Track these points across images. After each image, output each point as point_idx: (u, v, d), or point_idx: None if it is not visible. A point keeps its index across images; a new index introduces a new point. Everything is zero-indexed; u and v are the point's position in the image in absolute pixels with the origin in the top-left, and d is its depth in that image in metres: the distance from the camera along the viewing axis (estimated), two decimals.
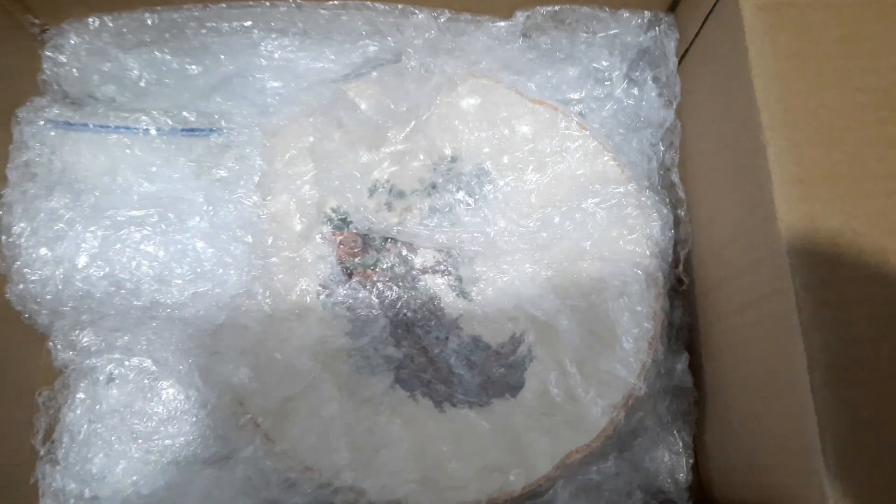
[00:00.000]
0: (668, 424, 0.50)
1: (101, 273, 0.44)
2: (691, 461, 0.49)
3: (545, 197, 0.53)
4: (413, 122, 0.51)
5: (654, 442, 0.49)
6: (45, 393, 0.47)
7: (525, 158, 0.53)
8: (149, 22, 0.49)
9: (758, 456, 0.43)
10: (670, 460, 0.49)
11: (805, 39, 0.40)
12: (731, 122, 0.43)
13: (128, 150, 0.45)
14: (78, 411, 0.49)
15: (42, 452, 0.47)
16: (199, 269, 0.45)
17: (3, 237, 0.44)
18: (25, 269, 0.43)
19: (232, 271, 0.46)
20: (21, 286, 0.44)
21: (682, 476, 0.49)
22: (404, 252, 0.53)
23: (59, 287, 0.44)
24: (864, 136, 0.38)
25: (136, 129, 0.46)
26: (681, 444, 0.50)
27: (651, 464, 0.49)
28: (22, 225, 0.44)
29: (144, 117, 0.46)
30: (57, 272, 0.43)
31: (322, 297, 0.52)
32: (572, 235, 0.51)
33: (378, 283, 0.53)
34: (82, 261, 0.44)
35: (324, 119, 0.50)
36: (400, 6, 0.49)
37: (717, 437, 0.48)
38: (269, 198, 0.50)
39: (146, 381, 0.51)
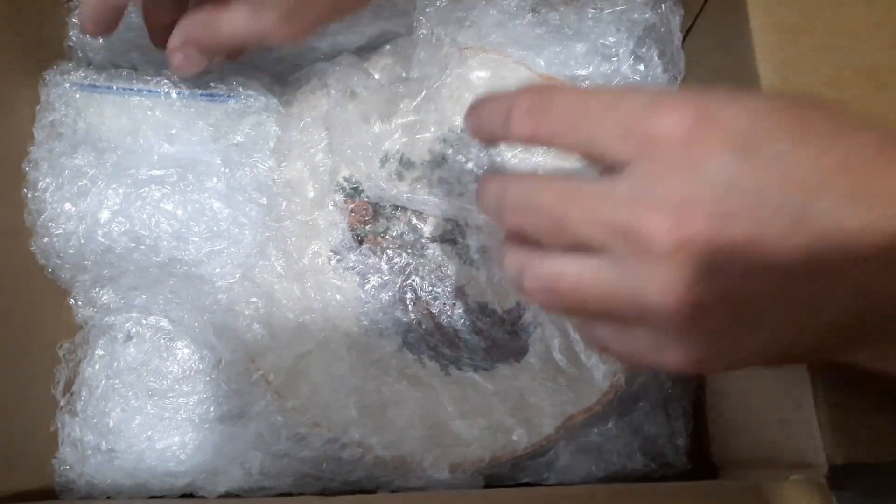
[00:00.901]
0: (669, 390, 0.51)
1: (122, 229, 0.46)
2: (690, 426, 0.50)
3: (552, 169, 0.54)
4: (424, 93, 0.52)
5: (654, 407, 0.51)
6: (65, 346, 0.49)
7: None
8: None
9: (753, 415, 0.44)
10: (670, 425, 0.50)
11: (802, 14, 0.42)
12: None
13: (149, 112, 0.47)
14: (97, 367, 0.51)
15: (62, 403, 0.49)
16: (215, 228, 0.47)
17: (30, 192, 0.46)
18: (50, 223, 0.45)
19: (247, 231, 0.48)
20: (45, 240, 0.46)
21: (682, 441, 0.50)
22: (413, 220, 0.55)
23: (82, 241, 0.45)
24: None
25: (157, 91, 0.48)
26: (680, 409, 0.51)
27: (651, 428, 0.50)
28: (47, 181, 0.46)
29: (166, 81, 0.48)
30: (80, 227, 0.45)
31: (333, 262, 0.53)
32: None
33: (388, 250, 0.54)
34: (104, 216, 0.46)
35: (338, 89, 0.52)
36: None
37: (716, 402, 0.50)
38: (283, 164, 0.52)
39: (162, 340, 0.52)
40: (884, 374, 0.29)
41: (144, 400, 0.51)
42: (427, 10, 0.49)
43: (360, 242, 0.54)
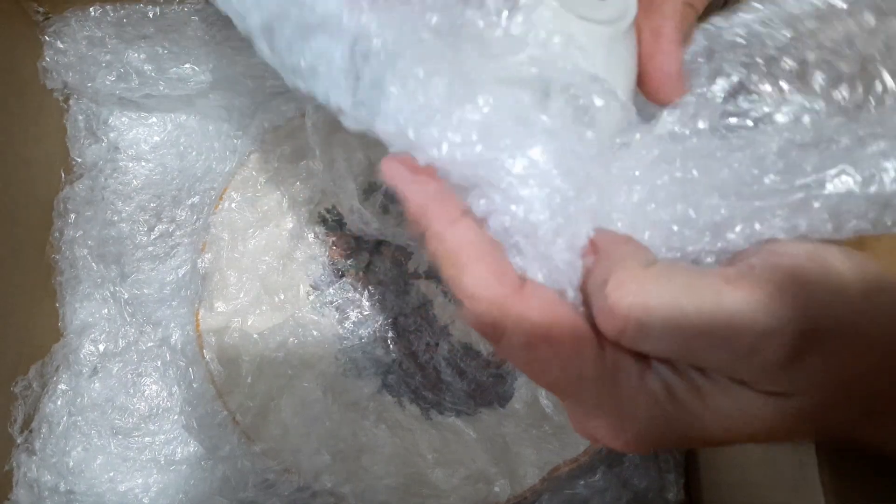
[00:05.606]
0: None
1: None
2: (682, 480, 0.48)
3: None
4: None
5: (644, 458, 0.48)
6: (21, 382, 0.47)
7: None
8: (150, 15, 0.49)
9: (749, 473, 0.41)
10: (661, 478, 0.48)
11: None
12: None
13: None
14: (59, 402, 0.48)
15: (19, 441, 0.46)
16: None
17: None
18: None
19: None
20: None
21: (673, 495, 0.47)
22: (397, 256, 0.53)
23: None
24: None
25: None
26: (672, 462, 0.48)
27: (641, 481, 0.47)
28: None
29: None
30: None
31: (312, 297, 0.51)
32: None
33: (369, 286, 0.52)
34: None
35: (322, 118, 0.50)
36: None
37: (709, 456, 0.47)
38: (259, 194, 0.50)
39: (130, 375, 0.50)
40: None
41: (108, 438, 0.49)
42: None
43: (341, 277, 0.52)
